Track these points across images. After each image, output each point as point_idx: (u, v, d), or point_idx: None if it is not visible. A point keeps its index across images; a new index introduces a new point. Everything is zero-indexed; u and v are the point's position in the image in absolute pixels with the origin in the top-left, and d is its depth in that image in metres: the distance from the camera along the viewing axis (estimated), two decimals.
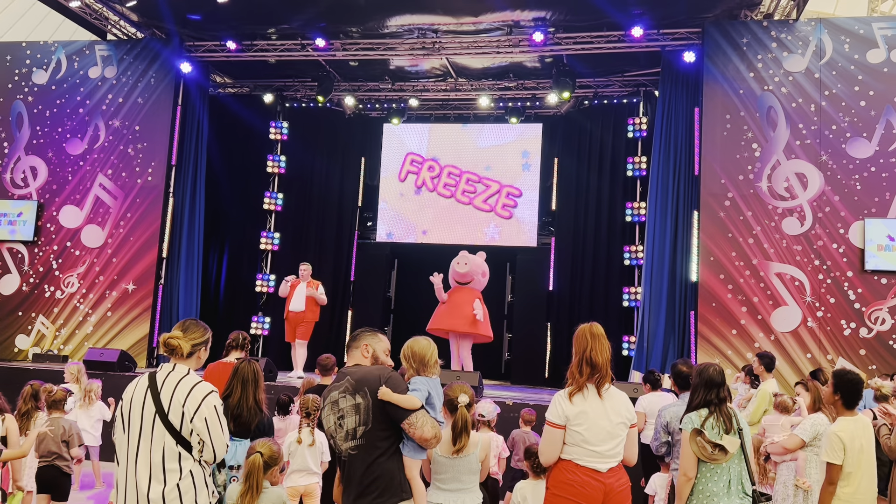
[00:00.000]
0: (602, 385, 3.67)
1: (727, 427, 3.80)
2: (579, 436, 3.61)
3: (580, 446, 3.61)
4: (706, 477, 3.79)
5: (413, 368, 3.48)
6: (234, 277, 14.58)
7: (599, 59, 11.97)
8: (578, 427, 3.61)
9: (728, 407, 3.90)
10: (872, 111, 9.97)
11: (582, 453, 3.61)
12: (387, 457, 3.21)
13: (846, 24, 10.37)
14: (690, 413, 3.92)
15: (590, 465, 3.59)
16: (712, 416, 3.83)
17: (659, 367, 10.43)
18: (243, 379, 4.37)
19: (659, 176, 11.06)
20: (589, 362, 3.67)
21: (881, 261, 9.68)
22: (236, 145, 14.55)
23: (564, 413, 3.63)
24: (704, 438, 3.77)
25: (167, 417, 3.14)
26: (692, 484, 3.80)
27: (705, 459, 3.77)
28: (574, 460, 3.61)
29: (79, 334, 11.91)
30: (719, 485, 3.76)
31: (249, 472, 3.69)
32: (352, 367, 3.40)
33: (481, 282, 10.88)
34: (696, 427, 3.82)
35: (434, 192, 14.28)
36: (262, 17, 11.54)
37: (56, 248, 12.19)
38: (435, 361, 3.51)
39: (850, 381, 4.39)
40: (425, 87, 13.93)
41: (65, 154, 12.41)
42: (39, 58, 12.77)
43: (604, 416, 3.63)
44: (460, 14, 11.05)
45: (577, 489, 3.56)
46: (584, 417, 3.61)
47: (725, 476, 3.77)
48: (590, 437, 3.60)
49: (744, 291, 10.05)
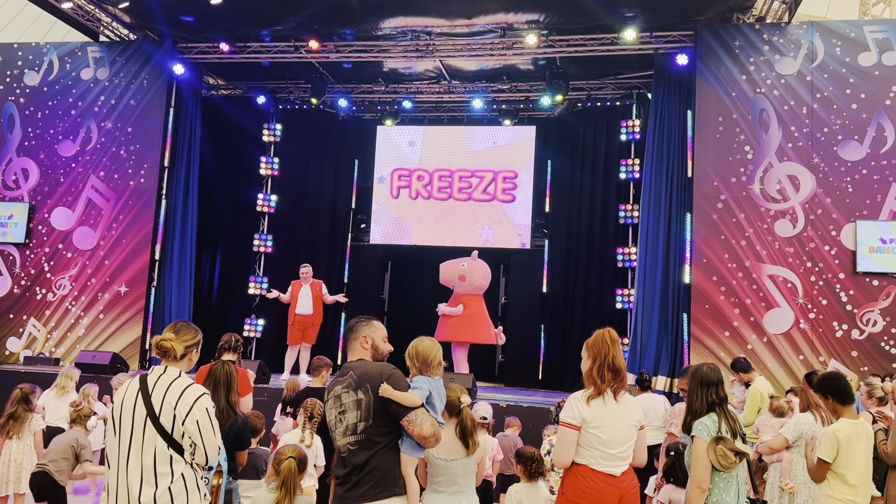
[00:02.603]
0: (619, 391, 3.69)
1: (734, 430, 3.65)
2: (596, 438, 3.59)
3: (596, 449, 3.59)
4: (719, 487, 3.60)
5: (416, 368, 3.50)
6: (227, 279, 14.53)
7: (592, 61, 11.99)
8: (595, 430, 3.60)
9: (729, 407, 3.80)
10: (864, 114, 10.02)
11: (598, 456, 3.59)
12: (384, 451, 3.23)
13: (837, 27, 10.43)
14: (703, 419, 3.68)
15: (605, 470, 3.57)
16: (722, 419, 3.65)
17: (652, 368, 10.45)
18: (216, 380, 4.35)
19: (652, 178, 11.09)
20: (611, 368, 3.68)
21: (872, 263, 9.72)
22: (229, 147, 14.53)
23: (581, 415, 3.62)
24: (726, 445, 3.54)
25: (158, 420, 3.12)
26: (706, 496, 3.59)
27: (723, 469, 3.54)
28: (590, 465, 3.59)
29: (71, 337, 11.86)
30: (731, 494, 3.60)
31: (286, 477, 3.66)
32: (355, 361, 3.42)
33: (484, 286, 11.17)
34: (716, 435, 3.59)
35: (432, 198, 14.27)
36: (255, 18, 11.52)
37: (48, 251, 12.13)
38: (439, 362, 3.53)
39: (831, 380, 4.40)
40: (419, 90, 13.94)
41: (57, 156, 12.36)
42: (31, 59, 12.72)
43: (620, 419, 3.64)
44: (454, 16, 11.06)
45: (593, 495, 3.54)
46: (601, 420, 3.61)
47: (734, 484, 3.64)
48: (607, 440, 3.59)
49: (736, 293, 10.08)
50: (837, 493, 4.22)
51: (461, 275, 10.98)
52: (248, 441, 4.54)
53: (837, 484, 4.22)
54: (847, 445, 4.16)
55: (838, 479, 4.22)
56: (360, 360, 3.43)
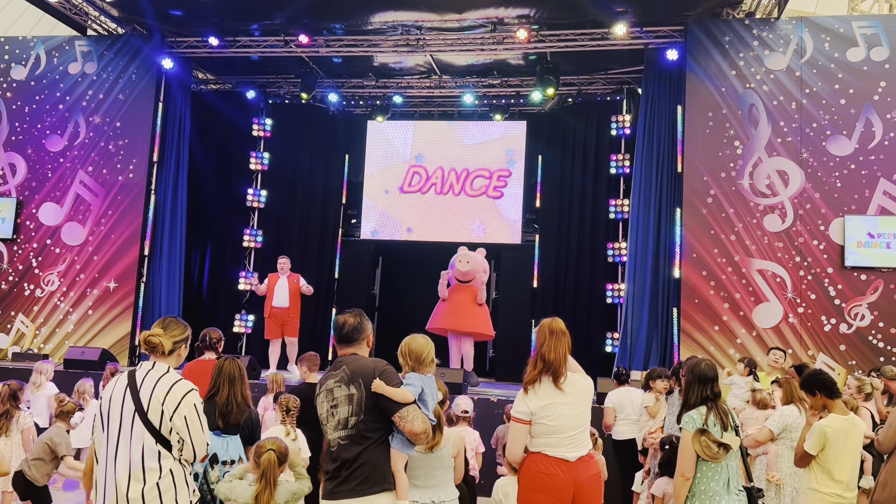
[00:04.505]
0: (558, 379, 3.77)
1: (724, 423, 3.77)
2: (544, 427, 3.71)
3: (547, 436, 3.71)
4: (707, 476, 3.74)
5: (409, 365, 3.50)
6: (217, 275, 14.48)
7: (583, 56, 11.99)
8: (544, 419, 3.71)
9: (723, 402, 3.89)
10: (852, 109, 10.07)
11: (549, 442, 3.70)
12: (375, 447, 3.23)
13: (826, 22, 10.47)
14: (691, 412, 3.85)
15: (558, 455, 3.68)
16: (711, 412, 3.79)
17: (642, 363, 10.51)
18: (230, 376, 4.43)
19: (642, 173, 11.13)
20: (543, 358, 3.80)
21: (861, 257, 9.79)
22: (219, 142, 14.45)
23: (529, 408, 3.73)
24: (709, 437, 3.71)
25: (146, 416, 3.11)
26: (690, 484, 3.75)
27: (708, 458, 3.70)
28: (542, 451, 3.70)
29: (59, 333, 11.79)
30: (720, 483, 3.72)
31: (265, 469, 3.68)
32: (349, 356, 3.41)
33: (482, 279, 10.87)
34: (700, 426, 3.76)
35: (423, 193, 14.23)
36: (244, 12, 11.46)
37: (36, 246, 12.05)
38: (431, 360, 3.53)
39: (817, 377, 4.45)
40: (409, 84, 13.90)
41: (44, 151, 12.26)
42: (18, 53, 12.61)
43: (565, 406, 3.74)
44: (444, 11, 11.03)
45: (546, 479, 3.63)
46: (548, 409, 3.72)
47: (724, 474, 3.75)
48: (554, 427, 3.70)
49: (726, 288, 10.13)
50: (824, 487, 4.27)
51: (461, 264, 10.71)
52: (259, 435, 4.58)
53: (824, 478, 4.26)
54: (835, 440, 4.19)
55: (825, 473, 4.25)
56: (354, 354, 3.42)
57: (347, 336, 3.44)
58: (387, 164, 14.48)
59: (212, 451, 4.08)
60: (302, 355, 6.27)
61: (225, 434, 4.28)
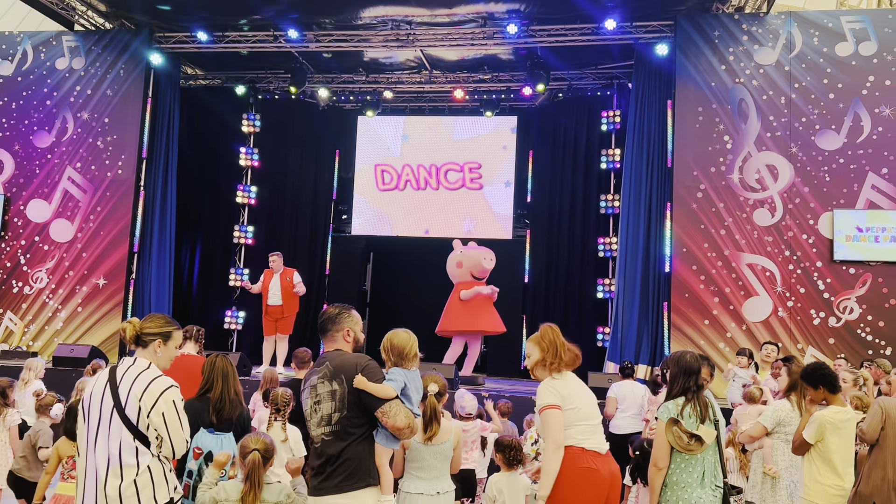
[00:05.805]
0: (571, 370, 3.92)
1: (703, 416, 3.74)
2: (576, 413, 3.73)
3: (582, 423, 3.73)
4: (680, 468, 3.73)
5: (391, 361, 3.48)
6: (207, 271, 14.41)
7: (573, 51, 11.99)
8: (573, 404, 3.75)
9: (705, 395, 3.86)
10: (841, 104, 10.11)
11: (584, 431, 3.72)
12: (358, 442, 3.23)
13: (815, 17, 10.50)
14: (667, 402, 3.86)
15: (594, 448, 3.71)
16: (689, 404, 3.77)
17: (633, 357, 10.53)
18: (223, 373, 4.40)
19: (632, 168, 11.14)
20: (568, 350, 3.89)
21: (849, 251, 9.83)
22: (208, 138, 14.38)
23: (560, 394, 3.76)
24: (681, 428, 3.70)
25: (124, 411, 3.09)
26: (664, 475, 3.75)
27: (680, 449, 3.70)
28: (577, 443, 3.70)
29: (48, 330, 11.72)
30: (693, 475, 3.70)
31: (250, 470, 3.63)
32: (332, 352, 3.41)
33: None
34: (673, 416, 3.75)
35: (414, 189, 14.21)
36: (233, 7, 11.40)
37: (24, 243, 11.97)
38: (414, 354, 3.52)
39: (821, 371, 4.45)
40: (400, 80, 13.86)
41: (32, 147, 12.17)
42: (4, 48, 12.50)
43: (586, 394, 3.86)
44: (434, 6, 11.01)
45: (590, 475, 3.65)
46: (575, 395, 3.78)
47: (699, 467, 3.72)
48: (585, 413, 3.75)
49: (716, 282, 10.16)
50: (826, 479, 4.29)
51: (458, 261, 10.74)
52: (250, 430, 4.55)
53: (826, 470, 4.28)
54: (834, 431, 4.23)
55: (827, 465, 4.28)
56: (338, 350, 3.42)
57: (321, 326, 3.46)
58: (377, 159, 14.44)
59: (207, 450, 4.06)
60: (294, 351, 6.26)
61: (219, 431, 4.26)
